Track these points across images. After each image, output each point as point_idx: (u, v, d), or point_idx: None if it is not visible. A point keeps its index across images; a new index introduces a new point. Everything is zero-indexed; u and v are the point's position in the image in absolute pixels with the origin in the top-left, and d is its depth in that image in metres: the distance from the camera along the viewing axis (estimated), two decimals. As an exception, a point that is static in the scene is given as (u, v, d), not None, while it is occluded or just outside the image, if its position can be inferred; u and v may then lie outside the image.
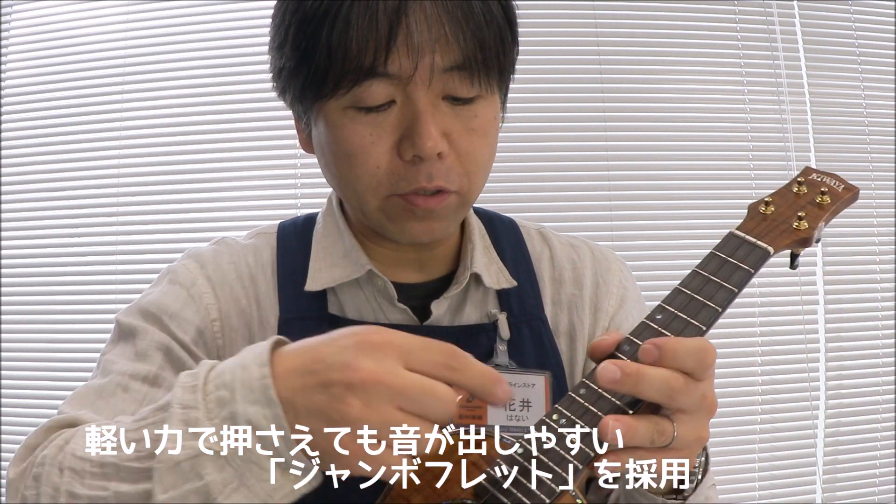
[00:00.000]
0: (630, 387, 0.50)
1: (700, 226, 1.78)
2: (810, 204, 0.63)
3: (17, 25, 1.84)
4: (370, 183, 0.64)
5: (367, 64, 0.58)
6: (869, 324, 1.84)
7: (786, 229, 0.61)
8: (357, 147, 0.62)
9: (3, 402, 1.76)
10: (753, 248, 0.58)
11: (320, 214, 0.79)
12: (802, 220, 0.61)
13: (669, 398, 0.50)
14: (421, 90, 0.60)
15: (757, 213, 0.62)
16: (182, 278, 0.73)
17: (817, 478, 1.81)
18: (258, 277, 0.74)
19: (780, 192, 0.64)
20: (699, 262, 0.58)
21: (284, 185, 1.76)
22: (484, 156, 0.67)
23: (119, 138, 1.78)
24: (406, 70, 0.59)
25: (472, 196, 0.68)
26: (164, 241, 1.76)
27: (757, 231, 0.60)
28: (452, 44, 0.59)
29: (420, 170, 0.62)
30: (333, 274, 0.72)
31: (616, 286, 0.79)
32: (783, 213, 0.62)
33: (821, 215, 0.62)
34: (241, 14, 1.78)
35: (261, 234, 0.79)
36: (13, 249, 1.79)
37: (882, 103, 1.87)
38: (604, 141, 1.79)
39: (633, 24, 1.82)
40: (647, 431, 0.50)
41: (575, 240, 0.83)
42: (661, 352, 0.50)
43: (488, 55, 0.61)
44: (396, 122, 0.62)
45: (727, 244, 0.59)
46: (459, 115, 0.63)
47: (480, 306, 0.74)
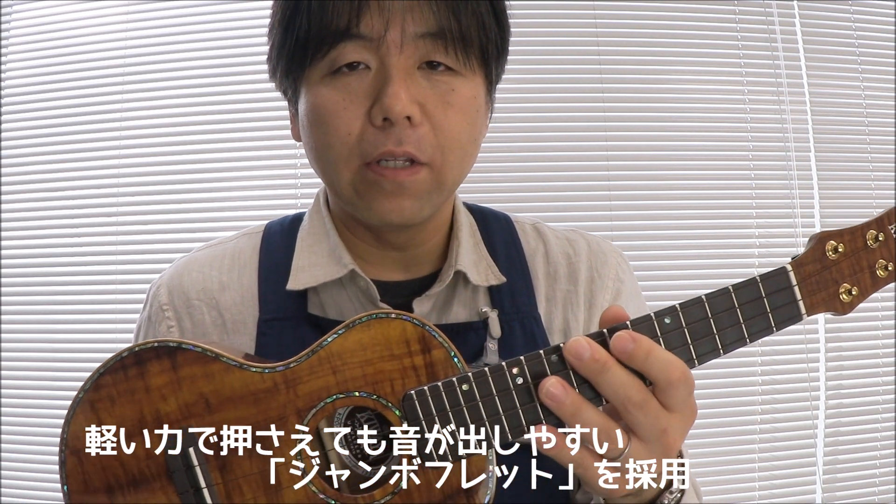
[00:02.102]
0: (591, 372, 0.49)
1: (700, 226, 1.78)
2: (868, 270, 0.56)
3: (17, 25, 1.84)
4: (342, 151, 0.64)
5: (342, 26, 0.61)
6: (869, 324, 1.84)
7: (832, 295, 0.55)
8: (330, 112, 0.63)
9: (3, 402, 1.76)
10: (790, 304, 0.53)
11: (307, 212, 0.78)
12: (852, 292, 0.56)
13: (623, 407, 0.49)
14: (393, 54, 0.61)
15: (822, 252, 0.55)
16: (153, 312, 0.76)
17: (817, 478, 1.81)
18: (231, 283, 0.74)
19: (854, 235, 0.56)
20: (740, 282, 0.53)
21: (284, 185, 1.76)
22: (461, 133, 0.65)
23: (119, 138, 1.78)
24: (377, 31, 0.61)
25: (447, 176, 0.66)
26: (164, 241, 1.76)
27: (810, 281, 0.54)
28: (426, 11, 0.61)
29: (390, 134, 0.62)
30: (316, 273, 0.71)
31: (612, 279, 0.77)
32: (843, 267, 0.55)
33: (870, 291, 0.56)
34: (241, 14, 1.78)
35: (245, 235, 0.79)
36: (13, 249, 1.79)
37: (882, 103, 1.87)
38: (604, 141, 1.79)
39: (633, 24, 1.82)
40: (593, 420, 0.49)
41: (572, 233, 0.81)
42: (635, 346, 0.49)
43: (464, 26, 0.62)
44: (369, 88, 0.62)
45: (774, 279, 0.53)
46: (435, 86, 0.63)
47: (470, 304, 0.73)
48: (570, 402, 0.50)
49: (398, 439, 0.53)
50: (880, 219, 0.56)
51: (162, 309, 0.75)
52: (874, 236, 0.56)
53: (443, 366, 0.53)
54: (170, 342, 0.54)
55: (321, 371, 0.53)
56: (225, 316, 0.73)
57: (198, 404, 0.54)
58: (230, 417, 0.54)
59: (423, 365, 0.53)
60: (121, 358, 0.55)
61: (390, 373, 0.53)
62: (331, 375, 0.53)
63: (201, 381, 0.54)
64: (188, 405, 0.53)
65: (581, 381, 0.51)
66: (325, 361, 0.53)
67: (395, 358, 0.53)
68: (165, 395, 0.54)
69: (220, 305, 0.73)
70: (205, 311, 0.73)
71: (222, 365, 0.54)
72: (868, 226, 0.56)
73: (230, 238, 0.80)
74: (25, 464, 1.75)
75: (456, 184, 0.69)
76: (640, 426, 0.50)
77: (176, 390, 0.54)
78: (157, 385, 0.54)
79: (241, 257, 0.76)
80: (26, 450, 1.75)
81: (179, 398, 0.54)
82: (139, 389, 0.54)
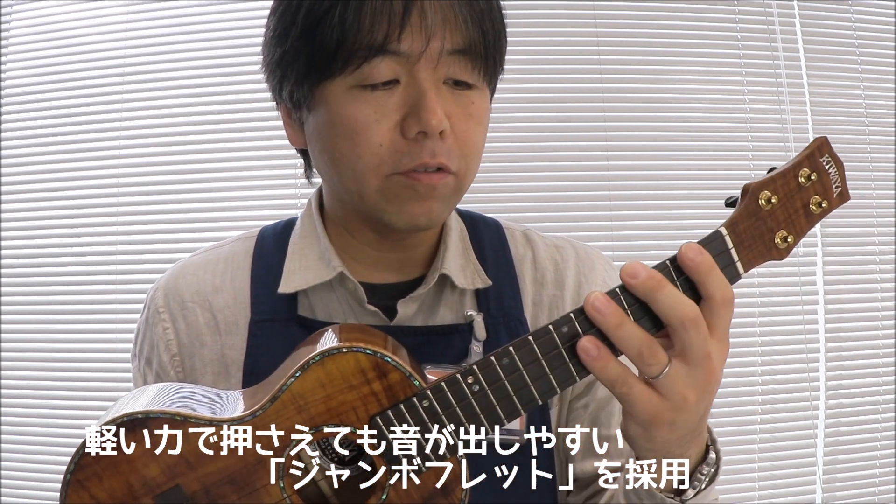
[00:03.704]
0: (647, 290, 0.50)
1: (700, 226, 1.75)
2: (803, 210, 0.55)
3: (17, 25, 1.84)
4: (371, 161, 0.64)
5: (378, 40, 0.61)
6: (869, 324, 1.85)
7: (768, 245, 0.55)
8: (360, 125, 0.63)
9: (3, 402, 1.76)
10: (728, 266, 0.53)
11: (300, 216, 0.79)
12: (788, 239, 0.55)
13: (680, 322, 0.50)
14: (427, 70, 0.62)
15: (756, 205, 0.54)
16: (150, 315, 0.78)
17: (817, 478, 1.81)
18: (225, 285, 0.76)
19: (787, 178, 0.55)
20: (675, 255, 0.53)
21: (284, 185, 1.76)
22: (479, 143, 0.68)
23: (119, 138, 1.78)
24: (416, 49, 0.61)
25: (466, 182, 0.69)
26: (164, 241, 1.76)
27: (744, 238, 0.54)
28: (461, 27, 0.62)
29: (424, 146, 0.63)
30: (306, 276, 0.72)
31: (599, 285, 0.78)
32: (778, 214, 0.54)
33: (806, 229, 0.56)
34: (241, 14, 1.78)
35: (241, 239, 0.81)
36: (13, 249, 1.79)
37: (882, 103, 1.87)
38: (604, 141, 1.79)
39: (633, 24, 1.82)
40: (638, 339, 0.50)
41: (560, 240, 0.82)
42: (703, 258, 0.50)
43: (488, 43, 0.64)
44: (400, 102, 0.63)
45: (711, 244, 0.53)
46: (458, 100, 0.65)
47: (456, 307, 0.74)
48: (613, 312, 0.50)
49: (365, 454, 0.55)
50: (811, 154, 0.55)
51: (158, 311, 0.76)
52: (807, 175, 0.55)
53: (401, 386, 0.55)
54: (137, 414, 0.56)
55: (287, 413, 0.55)
56: (218, 317, 0.74)
57: (179, 465, 0.55)
58: (212, 470, 0.55)
59: (381, 390, 0.55)
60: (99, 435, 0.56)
61: (352, 402, 0.55)
62: (297, 415, 0.55)
63: (177, 443, 0.56)
64: (170, 467, 0.55)
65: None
66: (288, 404, 0.55)
67: (354, 388, 0.55)
68: (147, 463, 0.55)
69: (213, 307, 0.75)
70: (198, 312, 0.75)
71: (192, 425, 0.56)
72: (799, 165, 0.55)
73: (226, 242, 0.82)
74: (25, 464, 1.75)
75: (468, 186, 0.71)
76: (690, 347, 0.51)
77: (155, 457, 0.55)
78: (137, 455, 0.55)
79: (234, 260, 0.78)
80: (26, 450, 1.75)
81: (161, 462, 0.55)
82: (121, 461, 0.55)
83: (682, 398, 0.51)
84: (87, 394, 1.74)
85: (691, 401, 0.52)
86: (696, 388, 0.52)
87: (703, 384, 0.52)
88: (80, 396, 1.75)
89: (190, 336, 0.75)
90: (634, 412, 0.52)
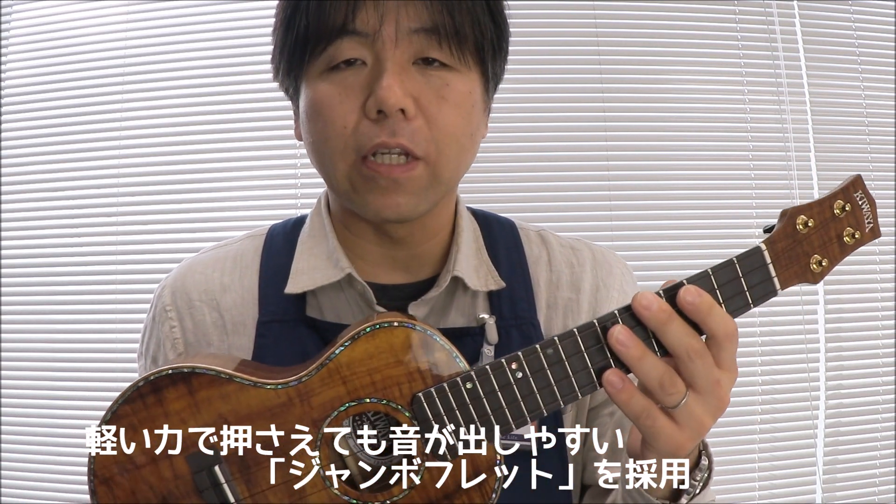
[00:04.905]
0: (658, 322, 0.52)
1: (700, 226, 1.78)
2: (837, 239, 0.58)
3: (17, 25, 1.84)
4: (338, 145, 0.65)
5: (339, 22, 0.62)
6: (869, 324, 1.85)
7: (804, 267, 0.57)
8: (327, 106, 0.65)
9: (3, 402, 1.76)
10: (765, 282, 0.56)
11: (309, 215, 0.79)
12: (822, 263, 0.57)
13: (686, 355, 0.52)
14: (388, 49, 0.63)
15: (793, 227, 0.57)
16: (157, 313, 0.77)
17: (817, 478, 1.81)
18: (233, 284, 0.75)
19: (822, 207, 0.58)
20: (718, 264, 0.56)
21: (284, 185, 1.76)
22: (456, 127, 0.65)
23: (119, 138, 1.78)
24: (372, 26, 0.62)
25: (442, 169, 0.66)
26: (164, 241, 1.76)
27: (782, 257, 0.56)
28: (420, 7, 0.62)
29: (384, 126, 0.63)
30: (314, 276, 0.71)
31: (617, 290, 0.78)
32: (813, 239, 0.57)
33: (839, 259, 0.58)
34: (241, 14, 1.78)
35: (249, 237, 0.80)
36: (13, 249, 1.79)
37: (882, 103, 1.87)
38: (604, 141, 1.79)
39: (633, 24, 1.82)
40: (659, 370, 0.52)
41: (577, 242, 0.81)
42: (702, 299, 0.52)
43: (458, 22, 0.63)
44: (365, 82, 0.64)
45: (749, 259, 0.56)
46: (430, 81, 0.64)
47: (468, 310, 0.73)
48: (636, 346, 0.52)
49: (398, 439, 0.56)
50: (846, 188, 0.59)
51: (165, 310, 0.76)
52: (841, 206, 0.58)
53: (447, 366, 0.56)
54: (183, 368, 0.56)
55: (332, 382, 0.56)
56: (225, 317, 0.74)
57: (217, 424, 0.56)
58: (249, 434, 0.56)
59: (427, 368, 0.55)
60: (137, 388, 0.56)
61: (397, 378, 0.55)
62: (341, 385, 0.55)
63: (218, 402, 0.56)
64: (208, 426, 0.55)
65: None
66: (334, 373, 0.55)
67: (401, 364, 0.55)
68: (185, 419, 0.55)
69: (220, 306, 0.74)
70: (206, 311, 0.74)
71: (236, 385, 0.56)
72: (835, 196, 0.58)
73: (235, 240, 0.81)
74: (25, 464, 1.75)
75: (454, 180, 0.69)
76: (699, 376, 0.52)
77: (195, 413, 0.56)
78: (176, 410, 0.56)
79: (243, 259, 0.77)
80: (26, 450, 1.75)
81: (199, 420, 0.55)
82: (159, 416, 0.55)
83: (699, 424, 0.53)
84: (87, 394, 1.74)
85: (707, 427, 0.54)
86: (710, 415, 0.54)
87: (715, 409, 0.54)
88: (80, 396, 1.75)
89: (197, 335, 0.74)
90: (657, 445, 0.54)
